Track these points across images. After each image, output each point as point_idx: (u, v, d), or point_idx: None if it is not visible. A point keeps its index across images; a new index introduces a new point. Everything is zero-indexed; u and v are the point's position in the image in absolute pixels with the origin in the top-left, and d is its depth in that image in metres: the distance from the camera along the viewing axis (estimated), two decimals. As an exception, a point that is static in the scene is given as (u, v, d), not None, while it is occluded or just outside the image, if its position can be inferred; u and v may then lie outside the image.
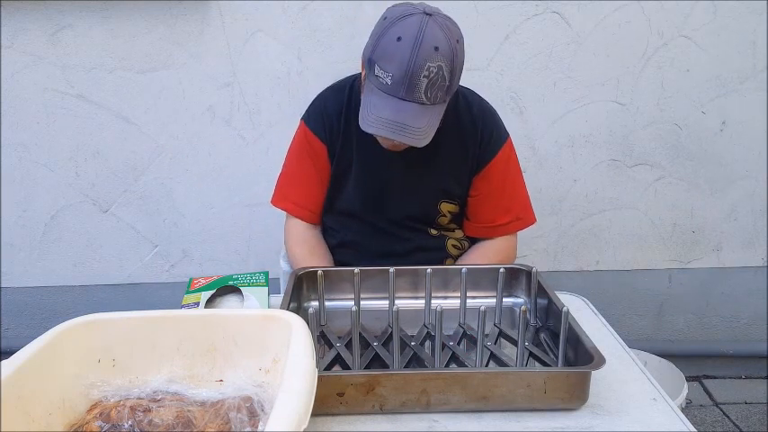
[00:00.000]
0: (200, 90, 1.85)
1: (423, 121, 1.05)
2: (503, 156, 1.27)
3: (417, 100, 1.04)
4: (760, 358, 2.14)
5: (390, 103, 1.04)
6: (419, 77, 1.02)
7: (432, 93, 1.04)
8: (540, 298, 1.03)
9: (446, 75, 1.04)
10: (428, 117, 1.06)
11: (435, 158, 1.24)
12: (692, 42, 1.86)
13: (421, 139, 1.05)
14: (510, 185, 1.31)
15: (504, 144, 1.28)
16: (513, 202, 1.31)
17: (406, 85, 1.02)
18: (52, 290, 2.02)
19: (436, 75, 1.03)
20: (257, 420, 0.70)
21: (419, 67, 1.01)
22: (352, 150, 1.26)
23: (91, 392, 0.75)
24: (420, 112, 1.05)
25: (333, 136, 1.26)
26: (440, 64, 1.03)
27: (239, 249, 2.00)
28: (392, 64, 1.03)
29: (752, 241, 2.05)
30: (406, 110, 1.04)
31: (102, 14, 1.77)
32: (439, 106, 1.08)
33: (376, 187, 1.28)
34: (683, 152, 1.96)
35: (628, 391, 0.86)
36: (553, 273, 2.04)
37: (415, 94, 1.03)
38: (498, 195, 1.29)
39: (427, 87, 1.03)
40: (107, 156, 1.90)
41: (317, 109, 1.28)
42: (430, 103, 1.05)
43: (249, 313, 0.82)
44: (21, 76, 1.81)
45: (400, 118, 1.04)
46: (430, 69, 1.02)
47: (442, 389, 0.79)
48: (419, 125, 1.04)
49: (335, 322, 1.05)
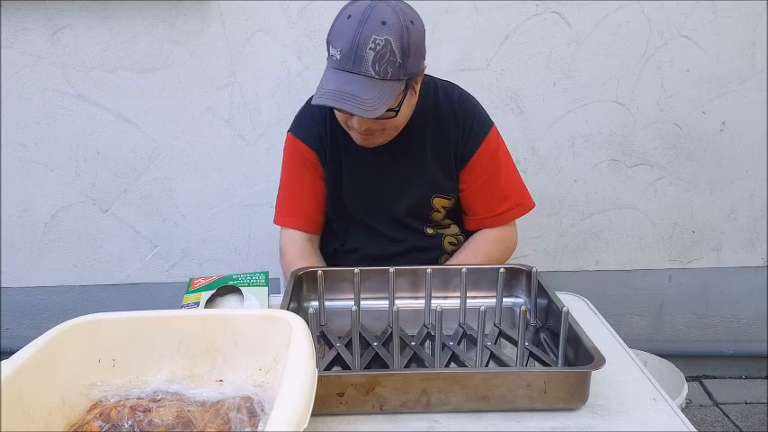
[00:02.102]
0: (200, 90, 1.85)
1: (371, 94, 1.04)
2: (488, 145, 1.27)
3: (365, 72, 1.04)
4: (760, 358, 2.14)
5: (339, 76, 1.05)
6: (365, 50, 1.02)
7: (380, 66, 1.04)
8: (540, 298, 1.03)
9: (395, 50, 1.04)
10: (378, 91, 1.04)
11: (422, 154, 1.25)
12: (692, 42, 1.86)
13: (367, 111, 1.04)
14: (504, 173, 1.30)
15: (489, 133, 1.28)
16: (508, 189, 1.31)
17: (353, 57, 1.03)
18: (52, 290, 2.02)
19: (383, 48, 1.03)
20: (257, 420, 0.70)
21: (365, 39, 1.02)
22: (341, 153, 1.27)
23: (91, 392, 0.75)
24: (368, 84, 1.04)
25: (322, 142, 1.27)
26: (387, 38, 1.03)
27: (239, 249, 2.00)
28: (341, 39, 1.05)
29: (752, 241, 2.06)
30: (354, 82, 1.04)
31: (102, 14, 1.77)
32: (392, 83, 1.06)
33: (368, 187, 1.29)
34: (683, 152, 1.96)
35: (628, 391, 0.86)
36: (553, 273, 2.04)
37: (363, 66, 1.04)
38: (492, 185, 1.29)
39: (375, 60, 1.03)
40: (107, 156, 1.90)
41: (305, 118, 1.30)
42: (379, 77, 1.04)
43: (249, 313, 0.82)
44: (21, 76, 1.81)
45: (346, 89, 1.04)
46: (376, 42, 1.02)
47: (442, 389, 0.79)
48: (366, 96, 1.03)
49: (335, 322, 1.05)
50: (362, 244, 1.32)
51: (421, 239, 1.31)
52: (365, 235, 1.32)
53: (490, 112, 1.38)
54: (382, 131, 1.17)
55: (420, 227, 1.31)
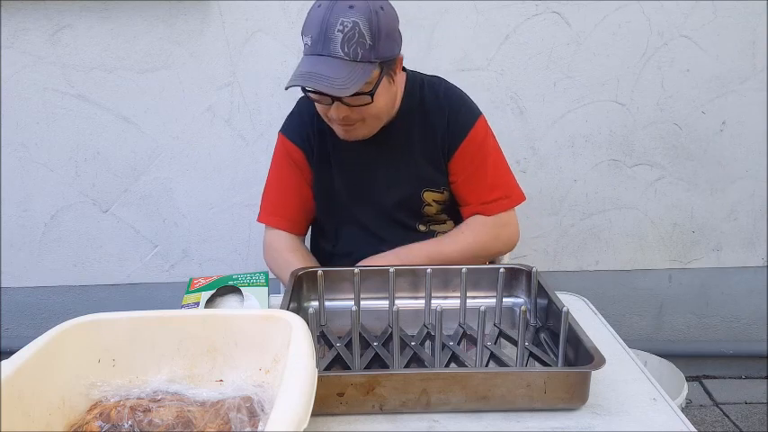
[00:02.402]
0: (200, 90, 1.85)
1: (341, 74, 1.04)
2: (475, 134, 1.26)
3: (335, 54, 1.05)
4: (760, 358, 2.14)
5: (311, 60, 1.07)
6: (333, 32, 1.04)
7: (349, 48, 1.04)
8: (540, 298, 1.03)
9: (364, 33, 1.04)
10: (348, 71, 1.05)
11: (409, 149, 1.25)
12: (692, 42, 1.86)
13: (338, 89, 1.04)
14: (492, 163, 1.28)
15: (476, 123, 1.26)
16: (497, 179, 1.28)
17: (322, 40, 1.05)
18: (52, 290, 2.02)
19: (352, 30, 1.04)
20: (257, 420, 0.70)
21: (333, 22, 1.04)
22: (329, 152, 1.28)
23: (91, 392, 0.75)
24: (338, 65, 1.05)
25: (309, 141, 1.28)
26: (355, 20, 1.04)
27: (239, 249, 2.00)
28: (311, 25, 1.07)
29: (752, 241, 2.06)
30: (324, 62, 1.05)
31: (102, 14, 1.77)
32: (363, 65, 1.06)
33: (357, 183, 1.29)
34: (683, 152, 1.96)
35: (628, 391, 0.86)
36: (553, 273, 2.04)
37: (332, 48, 1.04)
38: (481, 174, 1.26)
39: (344, 42, 1.04)
40: (107, 156, 1.90)
41: (294, 118, 1.32)
42: (350, 58, 1.05)
43: (249, 313, 0.82)
44: (21, 76, 1.81)
45: (316, 69, 1.05)
46: (344, 24, 1.04)
47: (442, 389, 0.79)
48: (336, 76, 1.04)
49: (335, 322, 1.05)
50: (354, 244, 1.32)
51: (413, 237, 1.30)
52: (356, 234, 1.31)
53: (490, 111, 1.38)
54: (363, 122, 1.17)
55: (412, 223, 1.31)
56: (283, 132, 1.32)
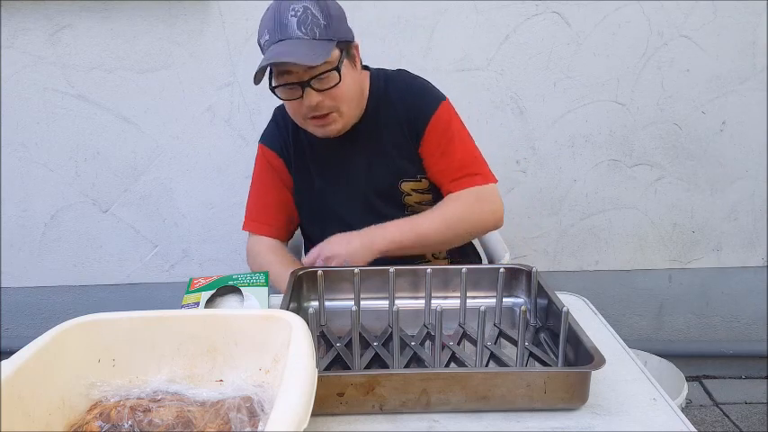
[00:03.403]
0: (200, 90, 1.85)
1: (304, 49, 1.08)
2: (438, 118, 1.25)
3: (293, 36, 1.08)
4: (760, 358, 2.14)
5: (271, 49, 1.10)
6: (287, 18, 1.08)
7: (306, 27, 1.08)
8: (540, 298, 1.03)
9: (317, 14, 1.09)
10: (309, 47, 1.08)
11: (381, 142, 1.27)
12: (692, 42, 1.86)
13: (304, 59, 1.07)
14: (459, 144, 1.27)
15: (439, 107, 1.26)
16: (465, 158, 1.27)
17: (279, 28, 1.09)
18: (52, 290, 2.02)
19: (304, 13, 1.08)
20: (257, 420, 0.70)
21: (285, 10, 1.09)
22: (308, 163, 1.30)
23: (91, 392, 0.75)
24: (299, 43, 1.08)
25: (288, 149, 1.31)
26: (305, 5, 1.09)
27: (239, 249, 2.00)
28: (265, 24, 1.12)
29: (752, 241, 2.05)
30: (284, 45, 1.09)
31: (102, 14, 1.77)
32: (323, 42, 1.09)
33: (339, 182, 1.30)
34: (683, 152, 1.96)
35: (628, 391, 0.86)
36: (553, 273, 2.04)
37: (290, 31, 1.08)
38: (450, 154, 1.25)
39: (299, 24, 1.08)
40: (107, 156, 1.90)
41: (271, 127, 1.35)
42: (308, 37, 1.08)
43: (249, 313, 0.82)
44: (21, 76, 1.81)
45: (279, 50, 1.08)
46: (296, 10, 1.08)
47: (442, 389, 0.79)
48: (300, 51, 1.07)
49: (335, 322, 1.05)
50: None
51: None
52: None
53: (490, 112, 1.39)
54: (338, 112, 1.18)
55: (396, 214, 1.28)
56: (262, 142, 1.35)
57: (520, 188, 1.98)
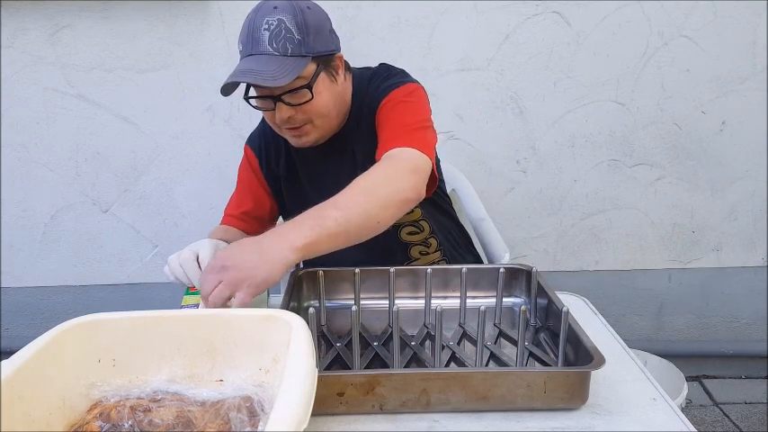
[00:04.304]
0: (200, 90, 1.85)
1: (271, 67, 1.05)
2: (388, 101, 1.16)
3: (264, 51, 1.07)
4: (760, 358, 2.14)
5: (242, 61, 1.10)
6: (260, 31, 1.07)
7: (278, 43, 1.06)
8: (540, 298, 1.03)
9: (291, 28, 1.07)
10: (278, 64, 1.06)
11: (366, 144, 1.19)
12: (692, 42, 1.86)
13: (267, 80, 1.04)
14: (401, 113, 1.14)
15: (393, 91, 1.16)
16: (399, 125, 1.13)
17: (251, 41, 1.08)
18: (52, 290, 2.02)
19: (278, 27, 1.06)
20: (257, 420, 0.70)
21: (259, 23, 1.07)
22: (297, 170, 1.29)
23: (91, 392, 0.75)
24: (268, 60, 1.06)
25: (270, 152, 1.31)
26: (280, 18, 1.06)
27: (239, 249, 2.00)
28: (242, 32, 1.10)
29: (752, 241, 2.06)
30: (253, 60, 1.07)
31: (102, 14, 1.77)
32: (295, 59, 1.07)
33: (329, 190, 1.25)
34: (683, 152, 1.96)
35: (628, 391, 0.86)
36: (553, 273, 2.04)
37: (261, 46, 1.07)
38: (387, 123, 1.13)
39: (271, 39, 1.06)
40: (107, 156, 1.90)
41: (258, 129, 1.36)
42: (279, 53, 1.06)
43: (249, 313, 0.82)
44: (21, 76, 1.81)
45: (246, 66, 1.07)
46: (269, 23, 1.06)
47: (442, 389, 0.79)
48: (266, 69, 1.05)
49: (335, 322, 1.05)
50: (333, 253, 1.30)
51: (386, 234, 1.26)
52: None
53: (490, 112, 1.39)
54: (312, 124, 1.15)
55: None
56: (247, 143, 1.37)
57: (520, 188, 1.98)
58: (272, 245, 0.89)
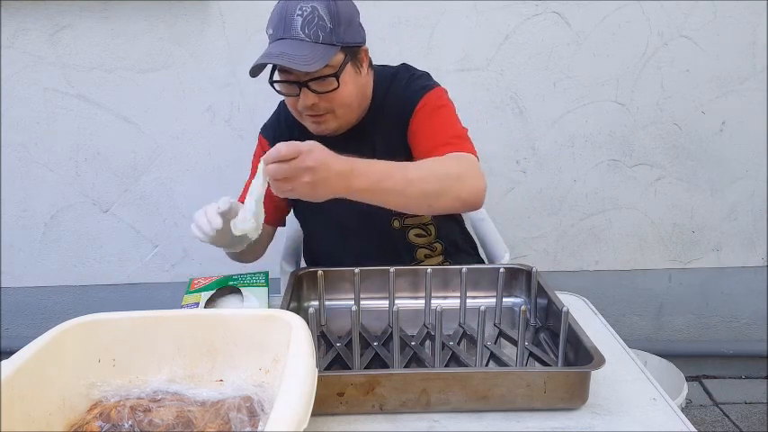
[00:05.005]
0: (200, 90, 1.85)
1: (303, 52, 1.06)
2: (425, 104, 1.20)
3: (296, 36, 1.07)
4: (760, 358, 2.14)
5: (273, 44, 1.10)
6: (293, 16, 1.07)
7: (310, 29, 1.07)
8: (540, 298, 1.03)
9: (324, 16, 1.08)
10: (310, 50, 1.07)
11: (382, 142, 1.24)
12: (692, 42, 1.86)
13: (299, 64, 1.05)
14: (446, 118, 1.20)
15: (426, 95, 1.20)
16: (449, 130, 1.18)
17: (283, 25, 1.08)
18: (52, 290, 2.02)
19: (311, 14, 1.07)
20: (257, 420, 0.70)
21: (292, 8, 1.08)
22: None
23: (91, 392, 0.75)
24: (300, 45, 1.07)
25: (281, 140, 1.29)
26: (313, 5, 1.08)
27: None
28: (273, 17, 1.11)
29: (752, 241, 2.06)
30: (285, 43, 1.08)
31: (102, 14, 1.77)
32: (325, 47, 1.08)
33: None
34: (683, 152, 1.96)
35: (628, 391, 0.86)
36: (553, 273, 2.04)
37: (293, 31, 1.07)
38: (435, 127, 1.18)
39: (303, 24, 1.07)
40: (107, 156, 1.90)
41: (272, 118, 1.36)
42: (311, 39, 1.07)
43: (249, 313, 0.82)
44: (21, 76, 1.81)
45: (278, 49, 1.07)
46: (303, 9, 1.07)
47: (442, 389, 0.79)
48: (298, 53, 1.06)
49: (335, 322, 1.05)
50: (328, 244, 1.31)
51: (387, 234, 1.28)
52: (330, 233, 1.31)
53: (490, 112, 1.39)
54: (333, 114, 1.16)
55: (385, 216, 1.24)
56: (261, 132, 1.36)
57: (520, 188, 1.98)
58: (338, 182, 0.94)
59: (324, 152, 0.95)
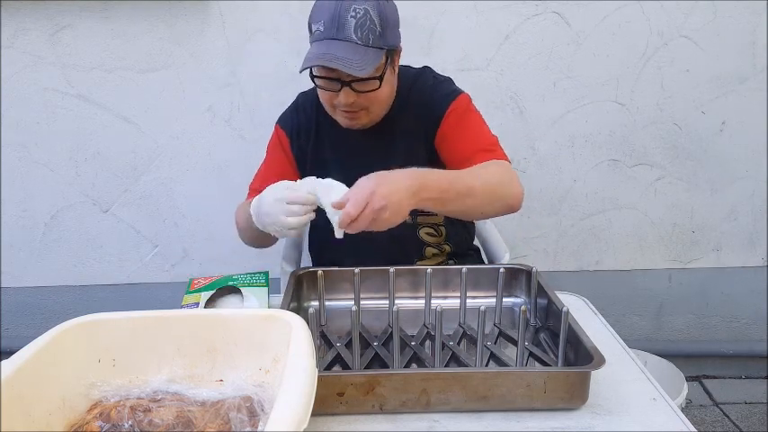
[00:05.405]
0: (201, 90, 1.85)
1: (356, 56, 1.08)
2: (457, 105, 1.25)
3: (349, 38, 1.09)
4: (760, 358, 2.14)
5: (324, 43, 1.10)
6: (346, 18, 1.08)
7: (362, 33, 1.09)
8: (540, 298, 1.03)
9: (374, 19, 1.10)
10: (362, 54, 1.09)
11: (401, 139, 1.27)
12: (691, 42, 1.86)
13: (354, 69, 1.07)
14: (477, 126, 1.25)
15: (455, 100, 1.25)
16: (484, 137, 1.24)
17: (336, 25, 1.09)
18: (52, 290, 2.02)
19: (363, 17, 1.09)
20: (257, 420, 0.70)
21: (345, 8, 1.09)
22: (326, 148, 1.31)
23: (91, 392, 0.75)
24: (353, 48, 1.09)
25: (300, 133, 1.33)
26: (365, 7, 1.09)
27: (239, 249, 1.99)
28: (322, 13, 1.11)
29: (752, 241, 2.05)
30: (339, 46, 1.09)
31: (102, 14, 1.77)
32: (374, 50, 1.10)
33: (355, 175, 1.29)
34: (683, 152, 1.96)
35: (628, 391, 0.86)
36: (553, 273, 2.04)
37: (346, 32, 1.09)
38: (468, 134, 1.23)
39: (356, 27, 1.08)
40: (107, 156, 1.90)
41: (290, 109, 1.38)
42: (362, 43, 1.09)
43: (249, 313, 0.82)
44: (21, 76, 1.81)
45: (332, 51, 1.09)
46: (356, 11, 1.08)
47: (442, 389, 0.79)
48: (351, 57, 1.08)
49: (335, 322, 1.05)
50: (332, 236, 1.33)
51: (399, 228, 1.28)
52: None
53: (490, 111, 1.39)
54: (367, 110, 1.19)
55: None
56: (279, 122, 1.38)
57: (520, 188, 1.98)
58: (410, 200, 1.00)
59: (384, 184, 0.98)
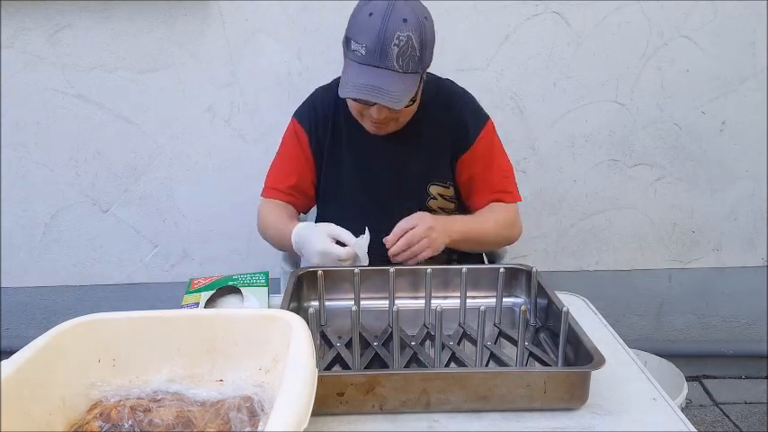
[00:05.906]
0: (201, 90, 1.85)
1: (397, 87, 1.12)
2: (485, 136, 1.34)
3: (391, 67, 1.11)
4: (760, 358, 2.14)
5: (366, 70, 1.12)
6: (390, 46, 1.10)
7: (403, 61, 1.11)
8: (540, 298, 1.03)
9: (416, 45, 1.12)
10: (402, 84, 1.12)
11: (421, 142, 1.32)
12: (691, 42, 1.86)
13: (396, 102, 1.12)
14: (499, 159, 1.38)
15: (486, 125, 1.35)
16: (503, 174, 1.38)
17: (379, 53, 1.10)
18: (52, 290, 2.02)
19: (406, 44, 1.10)
20: (257, 420, 0.70)
21: (390, 36, 1.10)
22: (342, 145, 1.34)
23: (91, 392, 0.75)
24: (394, 78, 1.11)
25: (318, 129, 1.35)
26: (408, 34, 1.11)
27: (239, 249, 2.00)
28: (365, 35, 1.12)
29: (752, 241, 2.05)
30: (381, 76, 1.11)
31: (102, 14, 1.77)
32: (412, 76, 1.14)
33: (370, 173, 1.34)
34: (683, 152, 1.96)
35: (628, 391, 0.86)
36: (553, 273, 2.04)
37: (388, 61, 1.11)
38: (491, 169, 1.35)
39: (398, 56, 1.10)
40: (107, 156, 1.90)
41: (307, 104, 1.39)
42: (402, 71, 1.12)
43: (249, 313, 0.82)
44: (21, 76, 1.81)
45: (376, 82, 1.11)
46: (400, 38, 1.10)
47: (442, 389, 0.79)
48: (394, 89, 1.11)
49: (335, 322, 1.05)
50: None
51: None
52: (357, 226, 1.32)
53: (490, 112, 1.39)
54: (396, 122, 1.24)
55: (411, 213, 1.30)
56: (296, 116, 1.39)
57: (520, 188, 1.95)
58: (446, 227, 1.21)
59: (421, 214, 1.20)
